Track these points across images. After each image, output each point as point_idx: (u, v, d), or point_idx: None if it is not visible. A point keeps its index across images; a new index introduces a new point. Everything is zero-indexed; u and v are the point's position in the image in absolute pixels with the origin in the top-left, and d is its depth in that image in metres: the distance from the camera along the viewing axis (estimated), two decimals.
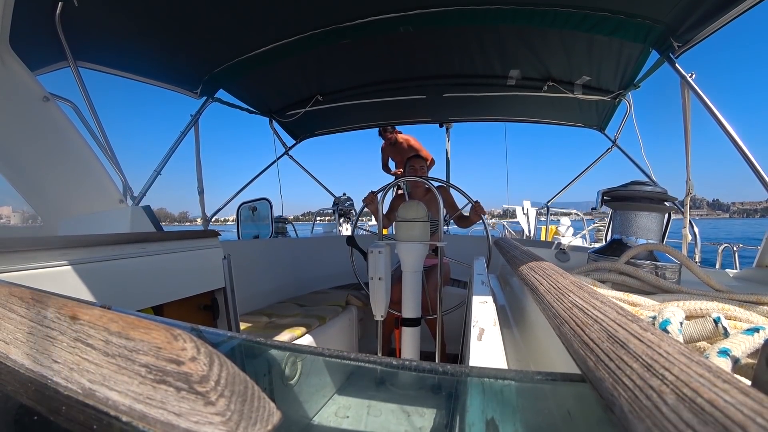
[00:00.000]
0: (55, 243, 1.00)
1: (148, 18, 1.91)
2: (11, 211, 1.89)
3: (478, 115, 3.68)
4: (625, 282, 0.88)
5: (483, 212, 2.31)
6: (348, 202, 4.73)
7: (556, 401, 0.34)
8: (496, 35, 2.22)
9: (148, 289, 1.25)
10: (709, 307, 0.57)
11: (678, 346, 0.24)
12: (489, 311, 0.70)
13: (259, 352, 0.44)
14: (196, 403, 0.23)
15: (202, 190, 2.88)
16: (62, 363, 0.29)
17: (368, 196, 2.34)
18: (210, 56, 2.37)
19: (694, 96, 1.68)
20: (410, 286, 1.93)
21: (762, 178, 1.39)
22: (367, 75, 2.84)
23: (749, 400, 0.18)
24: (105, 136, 1.88)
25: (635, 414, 0.21)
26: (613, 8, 1.81)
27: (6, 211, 1.95)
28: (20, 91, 1.55)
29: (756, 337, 0.43)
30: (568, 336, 0.36)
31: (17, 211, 1.80)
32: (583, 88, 2.68)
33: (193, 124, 2.59)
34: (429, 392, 0.39)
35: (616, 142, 3.20)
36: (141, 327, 0.29)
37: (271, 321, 2.17)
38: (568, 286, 0.51)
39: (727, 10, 1.52)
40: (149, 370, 0.26)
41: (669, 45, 1.82)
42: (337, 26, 2.10)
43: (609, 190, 1.13)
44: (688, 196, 1.97)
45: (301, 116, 3.24)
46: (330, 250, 3.38)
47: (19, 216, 1.80)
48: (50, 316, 0.33)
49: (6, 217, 1.96)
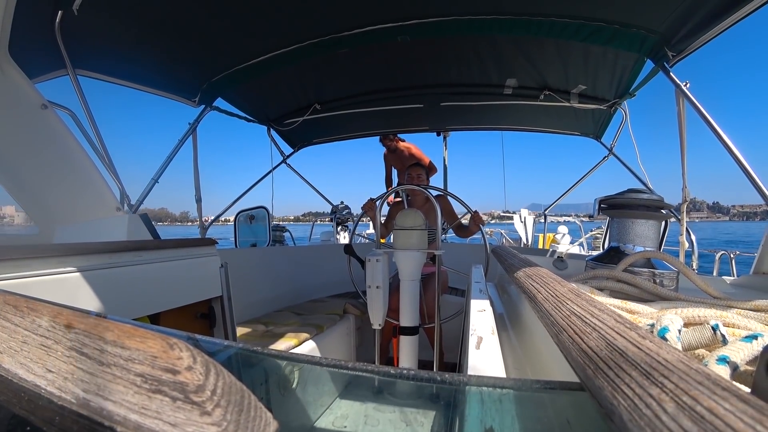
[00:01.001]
0: (51, 251, 1.00)
1: (146, 26, 1.92)
2: (14, 210, 1.88)
3: (475, 123, 3.70)
4: (623, 290, 0.88)
5: (482, 222, 2.32)
6: (345, 211, 4.73)
7: (554, 410, 0.34)
8: (492, 45, 2.24)
9: (145, 297, 1.24)
10: (707, 314, 0.57)
11: (677, 354, 0.24)
12: (487, 319, 0.69)
13: (256, 361, 0.44)
14: (192, 413, 0.23)
15: (199, 198, 2.87)
16: (56, 372, 0.28)
17: (367, 203, 2.34)
18: (208, 65, 2.38)
19: (689, 104, 1.70)
20: (408, 294, 1.93)
21: (757, 185, 1.40)
22: (364, 84, 2.85)
23: (749, 407, 0.18)
24: (103, 144, 1.88)
25: (635, 422, 0.21)
26: (609, 18, 1.84)
27: (9, 211, 1.95)
28: (18, 99, 1.55)
29: (754, 344, 0.43)
30: (567, 344, 0.36)
31: (20, 211, 1.80)
32: (579, 96, 2.70)
33: (191, 132, 2.59)
34: (427, 401, 0.39)
35: (612, 150, 3.22)
36: (137, 336, 0.29)
37: (268, 330, 2.16)
38: (566, 294, 0.51)
39: (721, 19, 1.54)
40: (145, 380, 0.25)
41: (663, 54, 1.84)
42: (335, 35, 2.12)
43: (606, 198, 1.14)
44: (684, 204, 1.99)
45: (299, 125, 3.25)
46: (327, 258, 3.37)
47: (23, 216, 1.79)
48: (45, 325, 0.33)
49: (9, 217, 1.96)
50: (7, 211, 1.97)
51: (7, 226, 1.99)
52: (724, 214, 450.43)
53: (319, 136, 3.88)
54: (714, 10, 1.54)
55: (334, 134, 3.86)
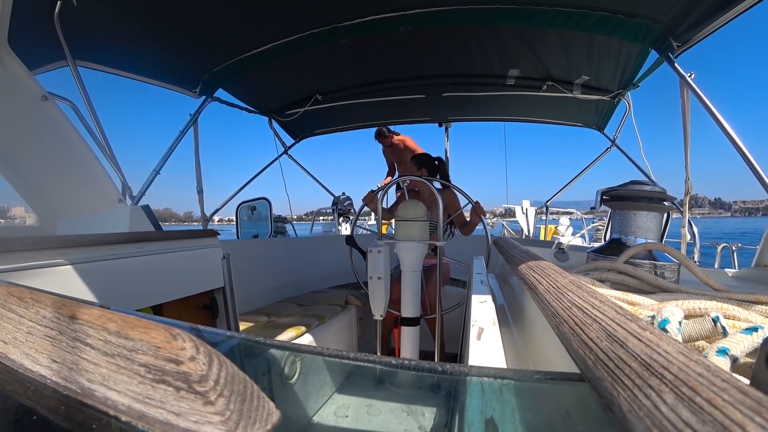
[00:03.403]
0: (53, 242, 1.00)
1: (146, 17, 1.90)
2: (24, 211, 1.89)
3: (477, 114, 3.68)
4: (624, 281, 0.88)
5: (483, 213, 2.31)
6: (347, 202, 4.73)
7: (555, 400, 0.34)
8: (495, 35, 2.22)
9: (147, 288, 1.25)
10: (708, 306, 0.57)
11: (677, 346, 0.25)
12: (488, 311, 0.70)
13: (258, 351, 0.44)
14: (196, 402, 0.23)
15: (201, 190, 2.88)
16: (61, 363, 0.29)
17: (368, 194, 2.34)
18: (209, 55, 2.37)
19: (693, 96, 1.68)
20: (409, 285, 1.93)
21: (761, 178, 1.40)
22: (366, 74, 2.83)
23: (748, 399, 0.18)
24: (104, 135, 1.88)
25: (634, 413, 0.21)
26: (613, 8, 1.81)
27: (19, 212, 1.96)
28: (19, 91, 1.54)
29: (755, 337, 0.43)
30: (567, 335, 0.36)
31: (30, 212, 1.81)
32: (583, 87, 2.68)
33: (192, 123, 2.59)
34: (428, 391, 0.39)
35: (615, 142, 3.21)
36: (140, 326, 0.29)
37: (270, 320, 2.17)
38: (567, 285, 0.51)
39: (726, 10, 1.52)
40: (148, 370, 0.26)
41: (668, 45, 1.82)
42: (336, 25, 2.10)
43: (608, 189, 1.13)
44: (687, 196, 1.98)
45: (301, 115, 3.24)
46: (329, 249, 3.38)
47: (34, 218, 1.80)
48: (49, 316, 0.33)
49: (20, 218, 1.96)
50: (16, 212, 1.98)
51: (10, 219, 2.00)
52: (726, 210, 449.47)
53: (321, 127, 3.86)
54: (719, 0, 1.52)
55: (336, 125, 3.85)
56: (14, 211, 1.98)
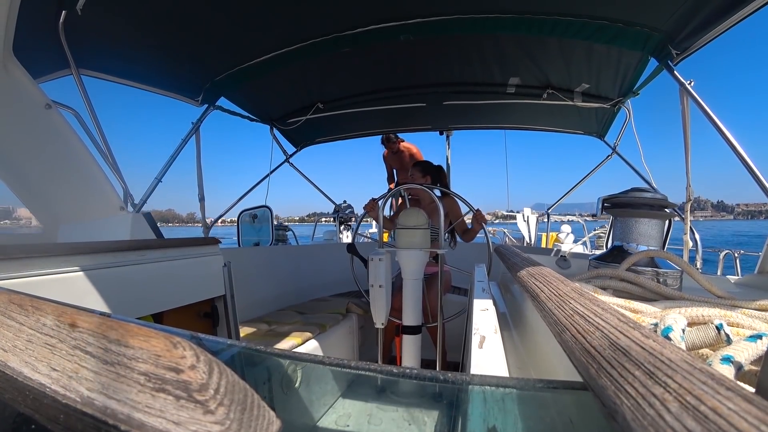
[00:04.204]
0: (55, 250, 1.00)
1: (150, 26, 1.92)
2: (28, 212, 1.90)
3: (478, 122, 3.70)
4: (627, 289, 0.88)
5: (484, 220, 2.31)
6: (348, 210, 4.73)
7: (557, 409, 0.34)
8: (495, 43, 2.23)
9: (148, 296, 1.25)
10: (711, 313, 0.57)
11: (680, 354, 0.24)
12: (490, 319, 0.69)
13: (259, 360, 0.44)
14: (195, 411, 0.23)
15: (202, 197, 2.88)
16: (61, 371, 0.28)
17: (369, 203, 2.34)
18: (211, 64, 2.39)
19: (693, 103, 1.69)
20: (411, 293, 1.93)
21: (761, 183, 1.39)
22: (367, 83, 2.85)
23: (753, 407, 0.17)
24: (106, 143, 1.89)
25: (638, 422, 0.21)
26: (612, 17, 1.83)
27: (24, 213, 1.96)
28: (23, 99, 1.56)
29: (759, 344, 0.43)
30: (570, 343, 0.36)
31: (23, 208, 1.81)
32: (583, 95, 2.69)
33: (194, 131, 2.60)
34: (430, 400, 0.39)
35: (616, 149, 3.21)
36: (140, 335, 0.29)
37: (271, 329, 2.16)
38: (569, 293, 0.51)
39: (725, 17, 1.53)
40: (148, 378, 0.26)
41: (667, 53, 1.83)
42: (338, 35, 2.12)
43: (609, 197, 1.13)
44: (688, 202, 1.97)
45: (302, 124, 3.25)
46: (330, 257, 3.37)
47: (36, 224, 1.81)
48: (49, 324, 0.33)
49: (26, 219, 1.97)
50: (22, 213, 1.98)
51: (12, 225, 2.00)
52: (728, 212, 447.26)
53: (322, 136, 3.88)
54: (718, 7, 1.53)
55: (337, 133, 3.86)
56: (19, 212, 1.99)
